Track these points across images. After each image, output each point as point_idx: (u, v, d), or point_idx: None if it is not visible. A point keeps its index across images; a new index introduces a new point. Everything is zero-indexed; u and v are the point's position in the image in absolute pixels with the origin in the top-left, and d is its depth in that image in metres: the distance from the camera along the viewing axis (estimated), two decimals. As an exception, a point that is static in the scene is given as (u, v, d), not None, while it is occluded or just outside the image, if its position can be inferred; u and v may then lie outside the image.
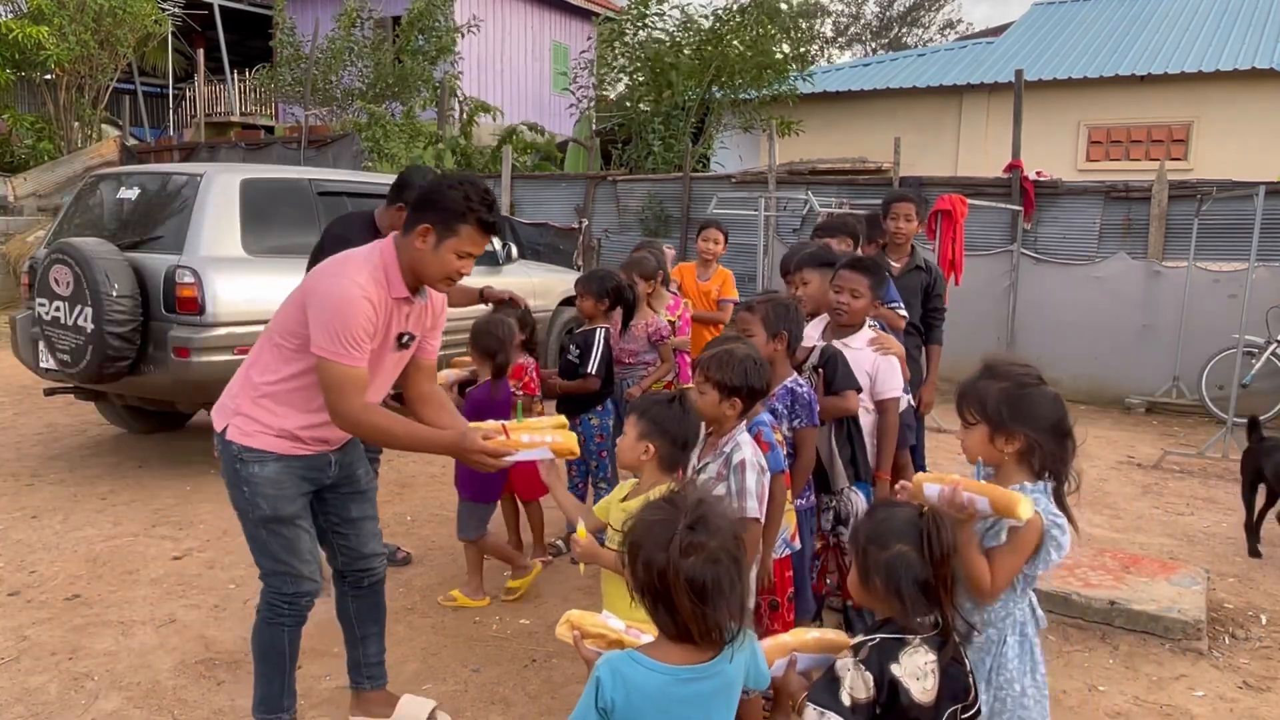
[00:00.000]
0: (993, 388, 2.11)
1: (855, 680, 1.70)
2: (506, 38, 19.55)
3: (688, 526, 1.58)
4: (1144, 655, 3.64)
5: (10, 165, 16.10)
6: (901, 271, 4.53)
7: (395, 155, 12.22)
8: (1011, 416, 2.08)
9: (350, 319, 2.47)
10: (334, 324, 2.46)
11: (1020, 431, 2.07)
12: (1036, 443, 2.07)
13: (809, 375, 3.30)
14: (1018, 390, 2.10)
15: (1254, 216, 6.69)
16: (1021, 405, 2.08)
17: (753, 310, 3.13)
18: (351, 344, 2.47)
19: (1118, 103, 14.10)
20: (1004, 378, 2.13)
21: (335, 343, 2.46)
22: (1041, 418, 2.08)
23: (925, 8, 33.77)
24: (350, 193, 6.31)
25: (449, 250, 2.55)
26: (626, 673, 1.61)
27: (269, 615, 2.76)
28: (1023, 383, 2.11)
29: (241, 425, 2.65)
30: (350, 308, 2.47)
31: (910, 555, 1.76)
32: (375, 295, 2.53)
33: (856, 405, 3.31)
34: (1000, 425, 2.09)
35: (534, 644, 3.64)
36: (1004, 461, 2.12)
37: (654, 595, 1.59)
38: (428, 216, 2.55)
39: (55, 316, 5.29)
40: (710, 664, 1.61)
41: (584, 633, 1.84)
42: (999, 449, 2.10)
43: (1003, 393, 2.09)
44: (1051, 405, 2.10)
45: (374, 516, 2.99)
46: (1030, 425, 2.07)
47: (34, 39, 14.55)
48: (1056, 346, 8.90)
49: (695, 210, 10.79)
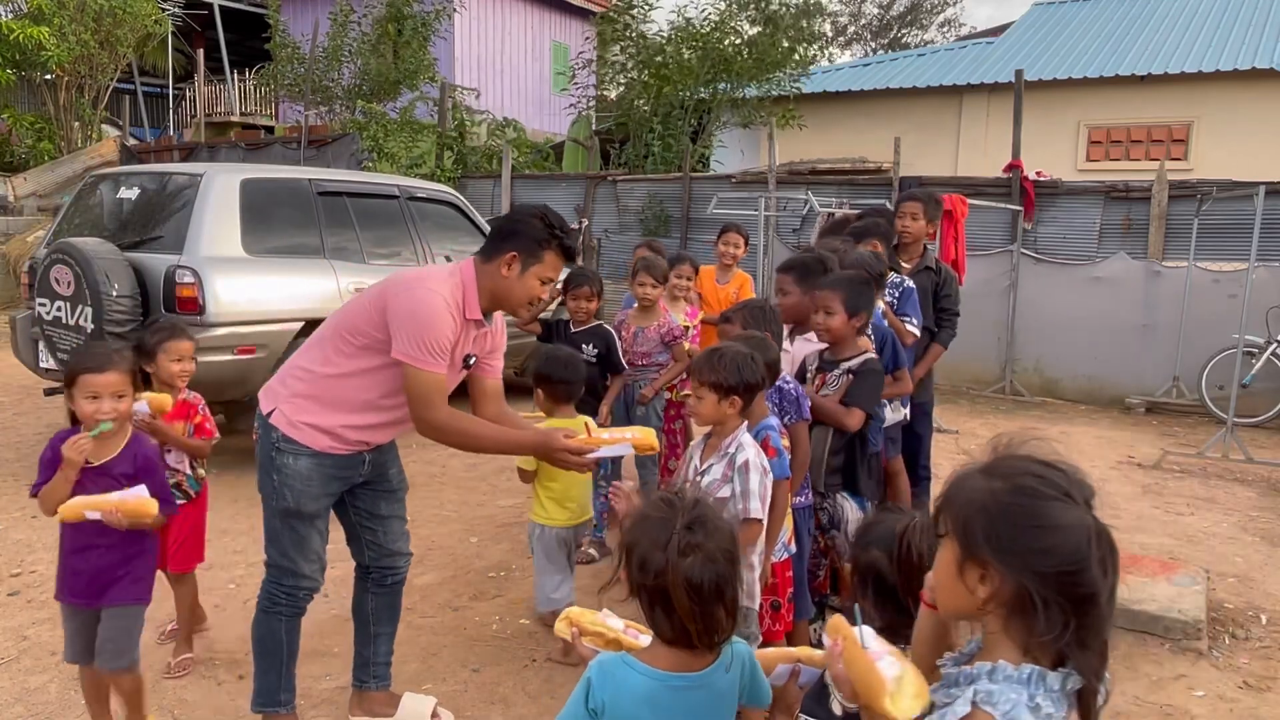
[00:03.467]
0: (978, 489, 1.30)
1: None
2: (506, 38, 19.55)
3: (685, 527, 1.58)
4: (1144, 655, 3.64)
5: (10, 165, 16.10)
6: (910, 272, 4.52)
7: (395, 155, 12.21)
8: (990, 540, 1.25)
9: (437, 328, 2.57)
10: (421, 333, 2.56)
11: (998, 567, 1.24)
12: (1031, 592, 1.22)
13: (841, 375, 3.30)
14: (1015, 500, 1.26)
15: (1254, 216, 6.69)
16: (1014, 525, 1.24)
17: (731, 321, 3.22)
18: (438, 352, 2.58)
19: (1118, 103, 14.09)
20: (1004, 476, 1.30)
21: (422, 350, 2.55)
22: (1043, 551, 1.22)
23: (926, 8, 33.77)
24: (350, 193, 6.32)
25: (533, 276, 2.68)
26: (617, 675, 1.60)
27: (266, 604, 2.82)
28: (1027, 489, 1.27)
29: (288, 414, 2.70)
30: (436, 318, 2.58)
31: (881, 561, 1.78)
32: (455, 312, 2.63)
33: (856, 427, 3.29)
34: (972, 549, 1.27)
35: (534, 644, 3.64)
36: (979, 611, 1.29)
37: (651, 595, 1.58)
38: (512, 245, 2.66)
39: (55, 316, 5.29)
40: (702, 674, 1.60)
41: (582, 630, 1.84)
42: (969, 587, 1.28)
43: (992, 499, 1.27)
44: (1068, 536, 1.23)
45: (402, 516, 3.05)
46: (1018, 560, 1.23)
47: (34, 39, 14.55)
48: (1056, 346, 8.90)
49: (695, 210, 10.79)
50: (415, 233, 6.59)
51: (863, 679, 1.35)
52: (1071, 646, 1.22)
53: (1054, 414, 8.31)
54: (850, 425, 3.26)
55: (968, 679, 1.27)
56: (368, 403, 2.70)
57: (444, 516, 5.04)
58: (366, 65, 14.42)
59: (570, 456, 2.60)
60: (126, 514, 2.48)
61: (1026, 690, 1.21)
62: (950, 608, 1.35)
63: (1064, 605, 1.20)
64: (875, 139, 13.30)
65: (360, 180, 6.80)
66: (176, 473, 3.34)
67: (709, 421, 2.73)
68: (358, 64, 14.53)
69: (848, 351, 3.38)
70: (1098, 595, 1.22)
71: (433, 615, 3.90)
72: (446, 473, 5.81)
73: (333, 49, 14.47)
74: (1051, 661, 1.23)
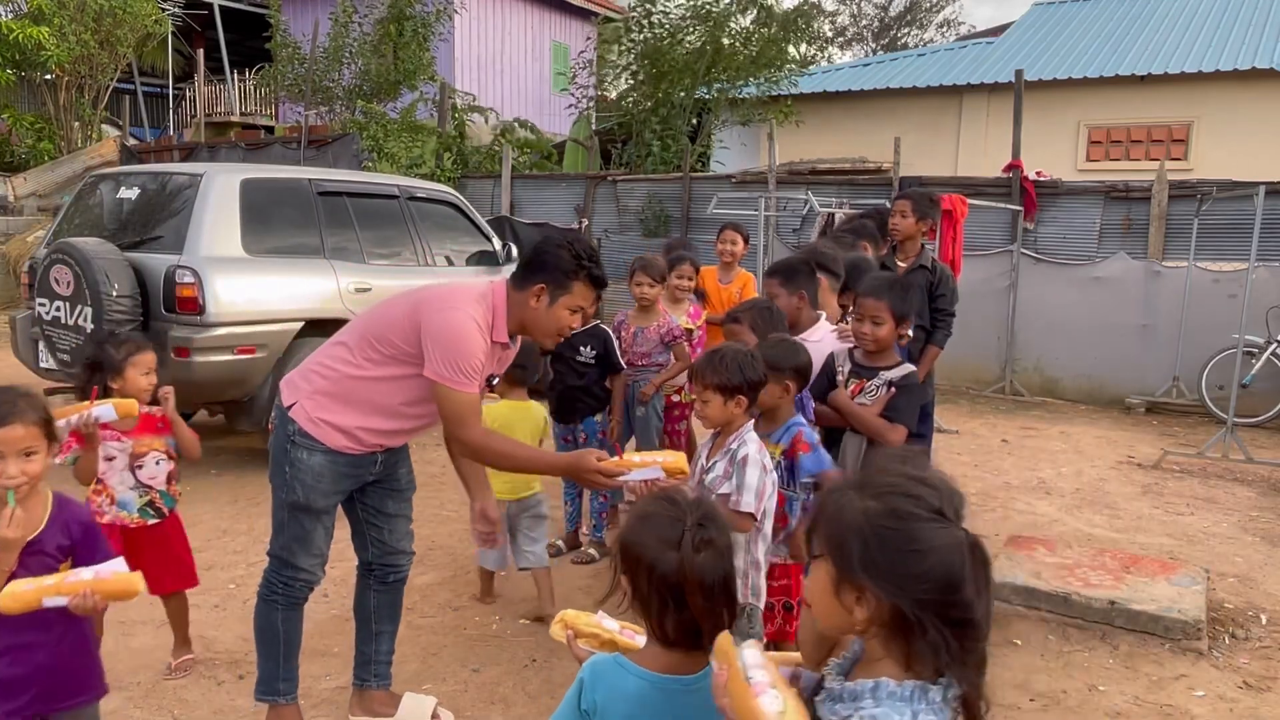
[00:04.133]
0: (852, 509, 1.28)
1: None
2: (506, 38, 19.55)
3: (697, 523, 1.57)
4: (1144, 655, 3.64)
5: (10, 165, 16.10)
6: (905, 271, 4.52)
7: (395, 155, 12.20)
8: (865, 564, 1.24)
9: (471, 352, 2.61)
10: (455, 354, 2.59)
11: (874, 590, 1.23)
12: (907, 614, 1.22)
13: (882, 385, 3.24)
14: (888, 523, 1.25)
15: (1254, 216, 6.69)
16: (887, 549, 1.24)
17: (739, 321, 3.23)
18: (471, 373, 2.62)
19: (1118, 103, 14.09)
20: (876, 496, 1.28)
21: (456, 371, 2.59)
22: (917, 577, 1.22)
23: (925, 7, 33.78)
24: (350, 193, 6.32)
25: (562, 307, 2.70)
26: (610, 676, 1.60)
27: (264, 591, 2.86)
28: (900, 512, 1.26)
29: (309, 409, 2.73)
30: (471, 342, 2.62)
31: None
32: (486, 334, 2.67)
33: (899, 444, 3.16)
34: (847, 572, 1.26)
35: (534, 644, 3.64)
36: (859, 631, 1.30)
37: (660, 595, 1.56)
38: (541, 277, 2.68)
39: (55, 316, 5.29)
40: (695, 676, 1.59)
41: (577, 632, 1.84)
42: (846, 608, 1.27)
43: (865, 521, 1.26)
44: (942, 559, 1.22)
45: (408, 515, 3.08)
46: (893, 584, 1.22)
47: (34, 39, 14.55)
48: (1056, 346, 8.90)
49: (695, 210, 10.79)
50: (415, 233, 6.58)
51: (743, 716, 1.28)
52: (950, 664, 1.22)
53: (1054, 414, 8.31)
54: (893, 440, 3.15)
55: (851, 696, 1.27)
56: (390, 408, 2.73)
57: (444, 516, 5.04)
58: (367, 66, 14.43)
59: (600, 478, 2.58)
60: (107, 595, 1.96)
61: (910, 707, 1.22)
62: (829, 625, 1.34)
63: (940, 626, 1.21)
64: (875, 139, 13.30)
65: (360, 180, 6.79)
66: (149, 490, 3.17)
67: (717, 424, 2.74)
68: (358, 64, 14.54)
69: (887, 360, 3.29)
70: (974, 615, 1.23)
71: (433, 615, 3.90)
72: (447, 472, 5.80)
73: (333, 49, 14.47)
74: (933, 672, 1.24)
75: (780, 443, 2.90)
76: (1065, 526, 5.25)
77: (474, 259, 7.04)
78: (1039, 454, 6.88)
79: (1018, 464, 6.57)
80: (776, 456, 2.87)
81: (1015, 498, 5.77)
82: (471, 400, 2.64)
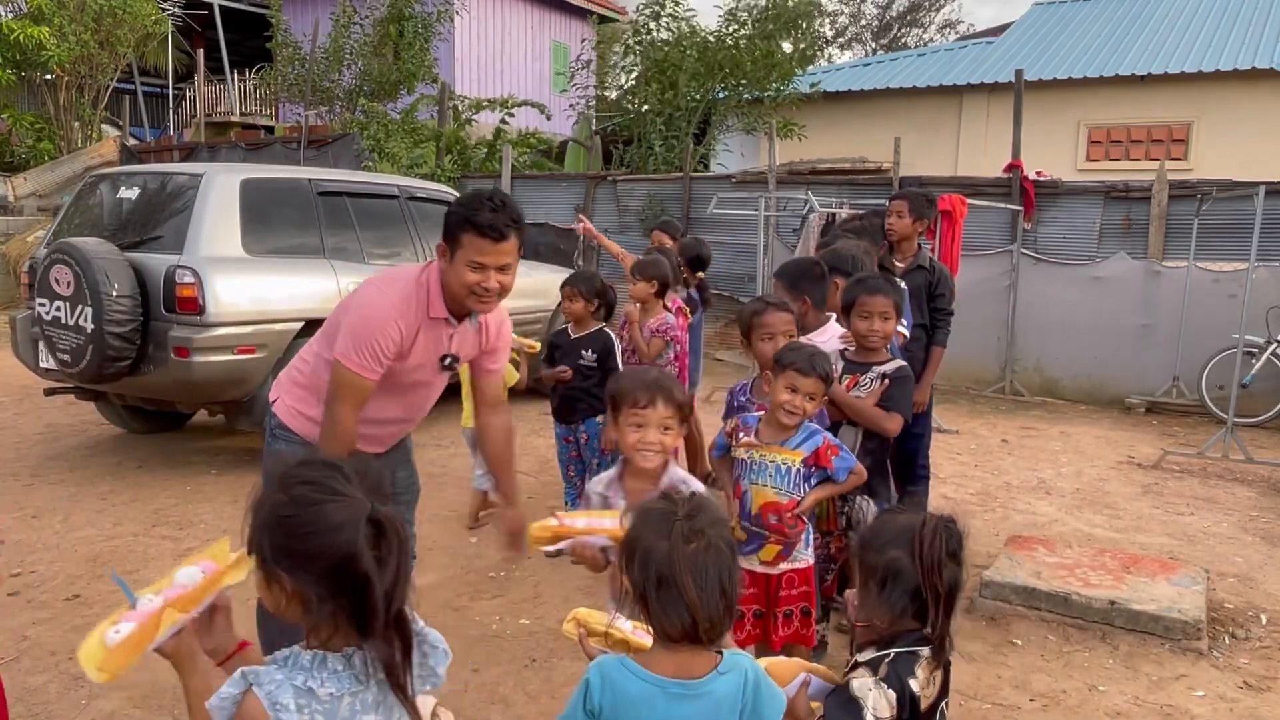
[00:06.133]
0: (267, 505, 1.35)
1: (879, 700, 1.68)
2: (506, 38, 19.55)
3: (687, 515, 1.59)
4: (1144, 655, 3.64)
5: (10, 165, 16.10)
6: (903, 271, 4.52)
7: (395, 155, 12.21)
8: (277, 554, 1.33)
9: (375, 334, 2.54)
10: (356, 335, 2.55)
11: (287, 575, 1.33)
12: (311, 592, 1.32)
13: (876, 378, 3.31)
14: (292, 511, 1.33)
15: (1254, 216, 6.69)
16: (291, 535, 1.33)
17: (790, 310, 3.26)
18: (370, 356, 2.54)
19: (1118, 103, 14.10)
20: (284, 488, 1.36)
21: (355, 351, 2.54)
22: (315, 555, 1.31)
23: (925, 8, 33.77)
24: (350, 193, 6.32)
25: (461, 264, 2.53)
26: (615, 678, 1.60)
27: None
28: (301, 499, 1.34)
29: (289, 402, 2.76)
30: (375, 322, 2.55)
31: (902, 561, 1.75)
32: (407, 315, 2.58)
33: (896, 432, 3.29)
34: (266, 564, 1.35)
35: (534, 644, 3.64)
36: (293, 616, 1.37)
37: (657, 588, 1.56)
38: (443, 236, 2.59)
39: (55, 316, 5.29)
40: (701, 681, 1.58)
41: (590, 631, 1.84)
42: (276, 597, 1.37)
43: (273, 514, 1.34)
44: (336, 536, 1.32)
45: (407, 520, 2.99)
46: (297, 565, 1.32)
47: (34, 39, 14.55)
48: (1056, 346, 8.90)
49: (695, 210, 10.80)
50: (415, 233, 6.58)
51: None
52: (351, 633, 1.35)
53: (1054, 414, 8.31)
54: (891, 429, 3.26)
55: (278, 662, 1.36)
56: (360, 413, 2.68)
57: (444, 516, 5.04)
58: (368, 66, 14.43)
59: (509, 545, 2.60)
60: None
61: (307, 674, 1.34)
62: (289, 619, 1.39)
63: (339, 596, 1.32)
64: (875, 139, 13.31)
65: (360, 180, 6.79)
66: None
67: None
68: (359, 64, 14.54)
69: (880, 355, 3.39)
70: (372, 581, 1.32)
71: (432, 615, 3.88)
72: (447, 473, 5.81)
73: (333, 50, 14.47)
74: (340, 642, 1.36)
75: (801, 449, 2.87)
76: (1065, 526, 5.25)
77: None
78: (1039, 454, 6.88)
79: (1018, 464, 6.57)
80: (795, 463, 2.85)
81: (1015, 498, 5.77)
82: (358, 381, 2.55)
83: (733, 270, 10.55)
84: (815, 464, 2.86)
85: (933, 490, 5.03)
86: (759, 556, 2.87)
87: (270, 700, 1.32)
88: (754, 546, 2.87)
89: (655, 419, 2.38)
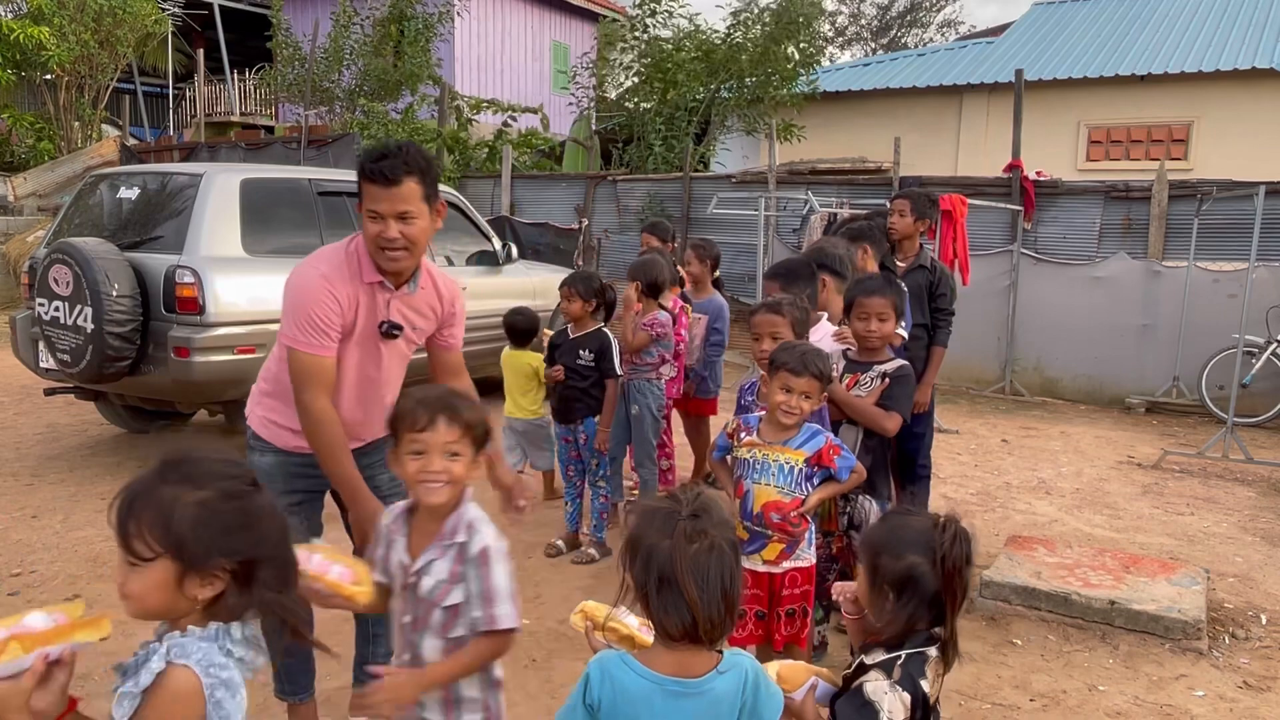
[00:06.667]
0: (184, 503, 1.35)
1: (894, 704, 1.69)
2: (506, 38, 19.55)
3: (691, 515, 1.59)
4: (1144, 655, 3.64)
5: (10, 165, 16.09)
6: (904, 271, 4.52)
7: (395, 155, 12.19)
8: (215, 548, 1.35)
9: (310, 304, 2.47)
10: (293, 311, 2.49)
11: (227, 568, 1.37)
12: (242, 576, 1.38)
13: (877, 378, 3.31)
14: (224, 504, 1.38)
15: (1254, 216, 6.69)
16: (232, 528, 1.37)
17: (781, 313, 3.20)
18: (312, 330, 2.46)
19: (1118, 103, 14.10)
20: (201, 483, 1.38)
21: (297, 329, 2.48)
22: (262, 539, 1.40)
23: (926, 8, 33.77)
24: (350, 193, 6.28)
25: (365, 215, 2.46)
26: (615, 674, 1.60)
27: None
28: (231, 491, 1.40)
29: (260, 413, 2.73)
30: (305, 294, 2.48)
31: (923, 567, 1.75)
32: (340, 282, 2.51)
33: (894, 431, 3.29)
34: (197, 562, 1.35)
35: (534, 644, 3.64)
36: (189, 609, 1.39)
37: (658, 587, 1.56)
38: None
39: (55, 316, 5.29)
40: (699, 680, 1.59)
41: (596, 625, 1.85)
42: (189, 596, 1.36)
43: (203, 510, 1.36)
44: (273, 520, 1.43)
45: None
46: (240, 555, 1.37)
47: (34, 39, 14.55)
48: (1056, 346, 8.90)
49: (695, 210, 10.80)
50: (415, 233, 6.58)
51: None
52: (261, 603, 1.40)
53: (1054, 414, 8.31)
54: (890, 428, 3.26)
55: (157, 644, 1.37)
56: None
57: (444, 516, 5.04)
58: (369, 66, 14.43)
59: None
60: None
61: (215, 643, 1.37)
62: (160, 611, 1.39)
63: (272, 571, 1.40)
64: (875, 139, 13.32)
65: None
66: None
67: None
68: (359, 64, 14.54)
69: (880, 356, 3.38)
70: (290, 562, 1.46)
71: (433, 615, 3.89)
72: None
73: (334, 50, 14.47)
74: (228, 618, 1.39)
75: (804, 449, 2.87)
76: (1065, 526, 5.25)
77: (474, 259, 7.05)
78: (1039, 454, 6.88)
79: (1018, 464, 6.57)
80: (798, 463, 2.85)
81: (1015, 498, 5.77)
82: (315, 364, 2.48)
83: (733, 270, 10.54)
84: (818, 464, 2.86)
85: (933, 490, 5.03)
86: (762, 555, 2.87)
87: (206, 664, 1.33)
88: (756, 546, 2.87)
89: (437, 443, 1.91)
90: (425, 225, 2.50)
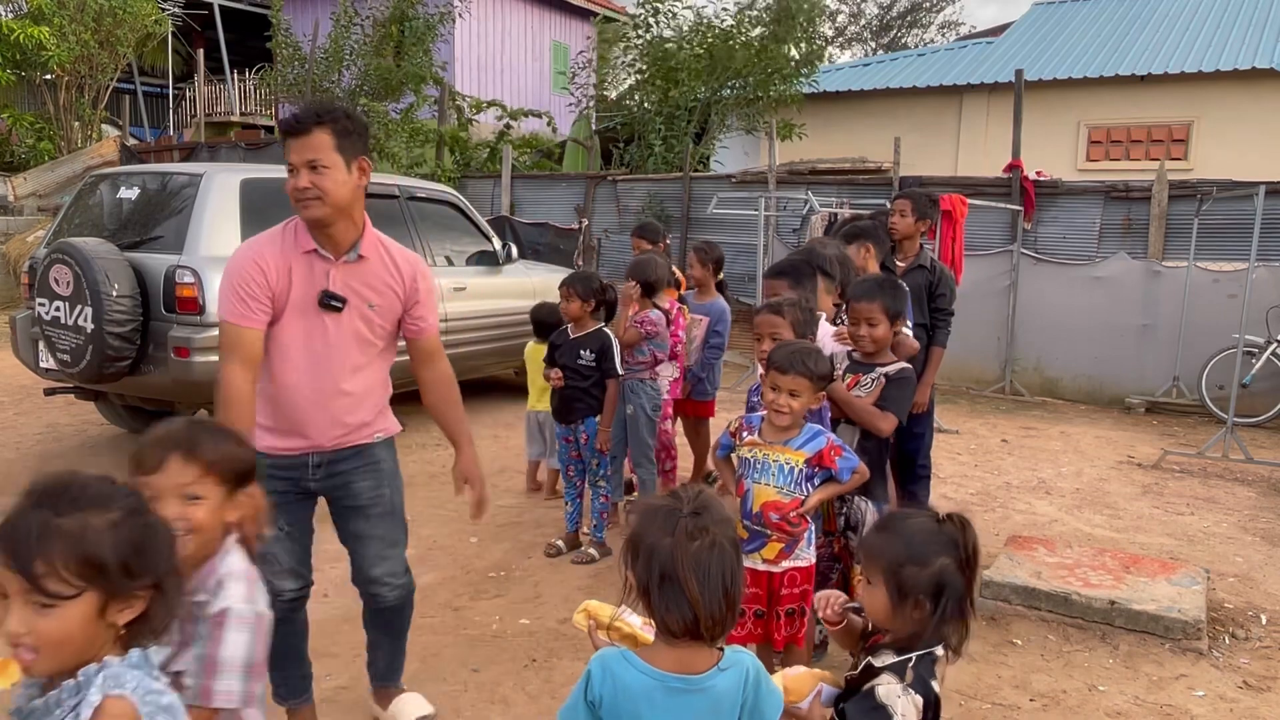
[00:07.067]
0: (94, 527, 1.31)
1: (907, 707, 1.69)
2: (506, 38, 19.55)
3: (692, 513, 1.59)
4: (1144, 655, 3.64)
5: (10, 165, 16.10)
6: (904, 271, 4.52)
7: (395, 155, 12.21)
8: (139, 570, 1.33)
9: (234, 274, 2.50)
10: (226, 285, 2.52)
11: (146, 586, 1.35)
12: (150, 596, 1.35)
13: (877, 378, 3.31)
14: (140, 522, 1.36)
15: (1254, 216, 6.69)
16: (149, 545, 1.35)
17: (782, 314, 3.19)
18: (238, 300, 2.48)
19: (1118, 103, 14.09)
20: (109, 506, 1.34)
21: (224, 301, 2.51)
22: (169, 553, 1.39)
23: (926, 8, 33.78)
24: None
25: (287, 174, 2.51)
26: (616, 670, 1.61)
27: None
28: (136, 509, 1.38)
29: None
30: (235, 263, 2.52)
31: (951, 567, 1.74)
32: (271, 252, 2.54)
33: (889, 431, 3.28)
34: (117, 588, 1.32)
35: (534, 644, 3.64)
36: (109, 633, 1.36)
37: (660, 584, 1.57)
38: None
39: (55, 316, 5.28)
40: (701, 677, 1.59)
41: (599, 623, 1.85)
42: (109, 620, 1.32)
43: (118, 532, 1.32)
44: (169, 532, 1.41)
45: (381, 537, 2.80)
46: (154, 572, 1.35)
47: (34, 39, 14.55)
48: (1056, 346, 8.91)
49: (695, 210, 10.79)
50: (415, 233, 6.58)
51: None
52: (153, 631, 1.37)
53: (1054, 414, 8.31)
54: (884, 429, 3.24)
55: (87, 677, 1.31)
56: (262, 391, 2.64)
57: (444, 516, 5.04)
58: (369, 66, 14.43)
59: None
60: None
61: (142, 671, 1.33)
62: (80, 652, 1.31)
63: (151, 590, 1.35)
64: (875, 139, 13.32)
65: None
66: None
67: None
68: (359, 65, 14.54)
69: (884, 358, 3.38)
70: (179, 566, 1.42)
71: (433, 615, 3.89)
72: (447, 472, 5.79)
73: (334, 50, 14.47)
74: (149, 640, 1.37)
75: (804, 449, 2.87)
76: (1065, 526, 5.25)
77: (474, 259, 7.05)
78: (1039, 454, 6.88)
79: (1018, 464, 6.57)
80: (798, 463, 2.86)
81: (1015, 498, 5.77)
82: (237, 334, 2.49)
83: (733, 270, 10.52)
84: (818, 464, 2.87)
85: (933, 490, 5.03)
86: (761, 554, 2.87)
87: (142, 691, 1.30)
88: (756, 545, 2.87)
89: (168, 487, 1.66)
90: (341, 178, 2.50)
